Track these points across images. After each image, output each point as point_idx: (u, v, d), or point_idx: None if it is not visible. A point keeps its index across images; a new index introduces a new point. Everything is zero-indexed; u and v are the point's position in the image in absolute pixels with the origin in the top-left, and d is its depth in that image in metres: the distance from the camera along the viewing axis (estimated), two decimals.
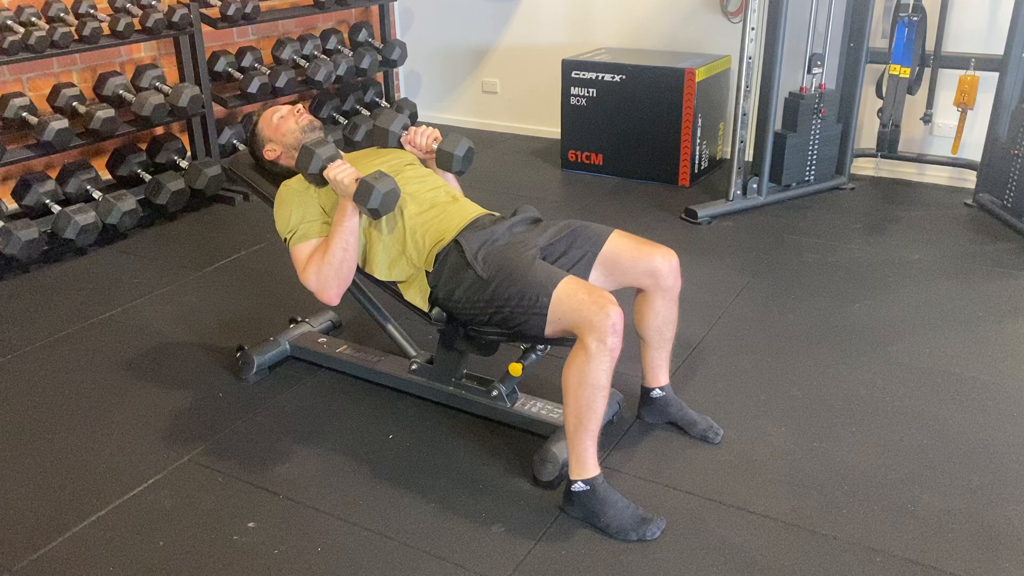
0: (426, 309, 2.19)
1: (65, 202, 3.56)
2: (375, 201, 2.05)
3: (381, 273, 2.24)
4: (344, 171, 2.11)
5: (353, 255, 2.17)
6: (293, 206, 2.24)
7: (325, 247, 2.16)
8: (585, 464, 1.94)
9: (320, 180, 2.17)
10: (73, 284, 3.30)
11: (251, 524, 2.01)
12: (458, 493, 2.10)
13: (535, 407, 2.29)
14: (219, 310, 3.06)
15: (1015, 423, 2.33)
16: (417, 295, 2.19)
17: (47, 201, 3.50)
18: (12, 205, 3.58)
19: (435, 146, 2.33)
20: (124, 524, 2.01)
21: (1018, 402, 2.42)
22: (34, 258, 3.33)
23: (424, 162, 2.42)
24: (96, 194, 3.62)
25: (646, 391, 2.32)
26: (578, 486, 1.95)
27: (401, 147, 2.39)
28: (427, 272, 2.16)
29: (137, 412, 2.46)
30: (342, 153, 2.21)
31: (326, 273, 2.16)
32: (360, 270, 2.29)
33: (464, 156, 2.30)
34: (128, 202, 3.59)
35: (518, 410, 2.29)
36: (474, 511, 2.03)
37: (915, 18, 3.85)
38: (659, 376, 2.30)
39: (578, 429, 1.91)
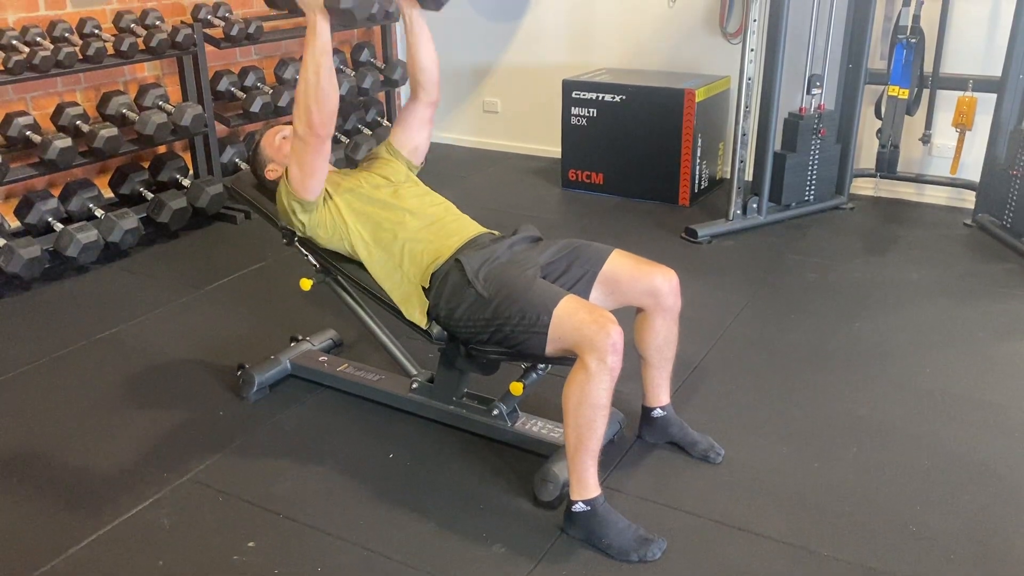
0: (425, 325, 2.18)
1: (67, 220, 3.57)
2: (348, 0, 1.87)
3: (377, 276, 2.23)
4: None
5: (330, 78, 2.04)
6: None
7: (300, 76, 2.05)
8: (586, 484, 1.94)
9: (286, 1, 2.03)
10: (74, 302, 3.30)
11: (251, 544, 2.00)
12: (459, 513, 2.09)
13: (536, 426, 2.29)
14: (220, 328, 3.07)
15: (1016, 443, 2.33)
16: (416, 312, 2.19)
17: (49, 219, 3.51)
18: (14, 223, 3.60)
19: None
20: (123, 543, 2.01)
21: (1018, 422, 2.42)
22: (36, 276, 3.34)
23: (404, 12, 2.32)
24: (98, 212, 3.63)
25: (647, 410, 2.32)
26: (579, 506, 1.95)
27: None
28: (424, 288, 2.17)
29: (137, 430, 2.45)
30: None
31: (303, 102, 2.05)
32: (360, 284, 2.29)
33: None
34: (130, 220, 3.60)
35: (519, 429, 2.29)
36: (475, 531, 2.03)
37: (913, 40, 3.88)
38: (660, 395, 2.30)
39: (578, 449, 1.91)
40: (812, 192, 4.06)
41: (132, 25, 3.92)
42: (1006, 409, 2.49)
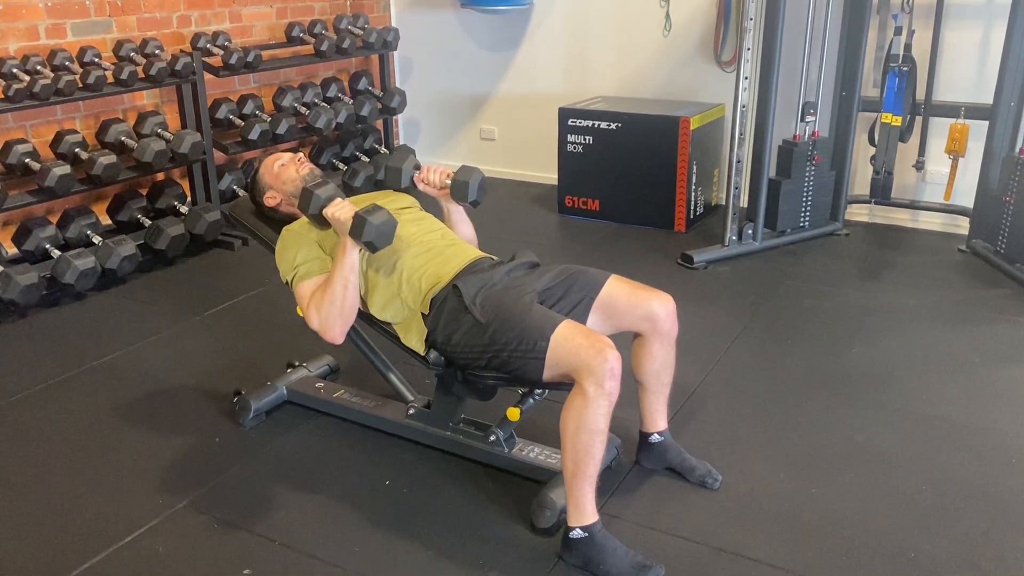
0: (422, 351, 2.19)
1: (65, 247, 3.58)
2: (369, 234, 2.05)
3: (376, 312, 2.25)
4: (343, 208, 2.13)
5: (354, 292, 2.18)
6: (295, 248, 2.26)
7: (327, 286, 2.18)
8: (583, 510, 1.93)
9: (321, 221, 2.19)
10: (71, 329, 3.30)
11: (247, 572, 1.98)
12: (455, 539, 2.08)
13: (533, 452, 2.28)
14: (217, 355, 3.06)
15: (1012, 469, 2.33)
16: (414, 338, 2.20)
17: (47, 246, 3.52)
18: (12, 250, 3.60)
19: (448, 181, 2.32)
20: (118, 571, 1.99)
21: (1015, 448, 2.42)
22: (33, 303, 3.34)
23: (439, 200, 2.42)
24: (96, 239, 3.64)
25: (644, 436, 2.32)
26: (576, 533, 1.94)
27: (413, 185, 2.38)
28: (423, 315, 2.17)
29: (133, 457, 2.44)
30: (342, 193, 2.23)
31: (327, 311, 2.17)
32: (358, 312, 2.30)
33: (479, 185, 2.29)
34: (127, 247, 3.61)
35: (516, 455, 2.28)
36: (471, 558, 2.02)
37: (905, 68, 3.93)
38: (657, 421, 2.30)
39: (576, 475, 1.91)
40: (807, 218, 4.08)
41: (132, 54, 3.96)
42: (1003, 434, 2.49)
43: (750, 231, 3.96)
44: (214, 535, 2.11)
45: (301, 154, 2.46)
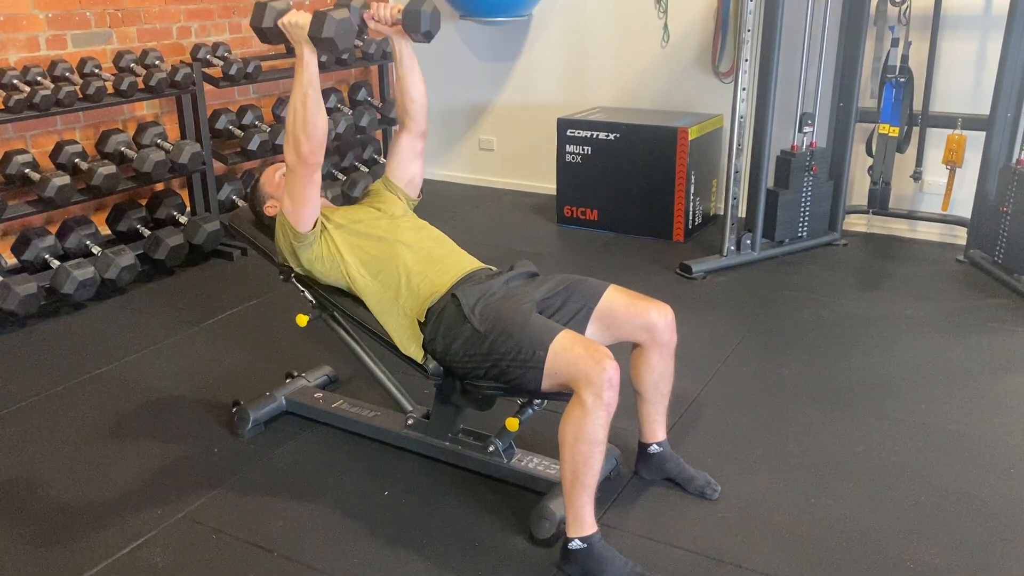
0: (420, 359, 2.19)
1: (64, 257, 3.58)
2: (330, 29, 1.97)
3: (373, 309, 2.24)
4: (298, 14, 2.08)
5: (316, 106, 2.10)
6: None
7: (288, 106, 2.13)
8: (582, 521, 1.93)
9: (277, 35, 2.11)
10: (70, 339, 3.30)
11: None
12: (454, 550, 2.08)
13: (532, 463, 2.28)
14: (216, 365, 3.06)
15: (1011, 479, 2.33)
16: (411, 345, 2.20)
17: (46, 256, 3.53)
18: (11, 260, 3.60)
19: (399, 16, 2.24)
20: None
21: (1014, 458, 2.42)
22: (32, 313, 3.34)
23: (393, 42, 2.34)
24: (95, 249, 3.65)
25: (643, 447, 2.32)
26: (575, 543, 1.94)
27: (363, 24, 2.23)
28: (420, 323, 2.17)
29: (131, 467, 2.44)
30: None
31: (291, 129, 2.11)
32: (356, 319, 2.30)
33: (431, 14, 2.19)
34: (127, 257, 3.62)
35: (515, 466, 2.28)
36: (470, 568, 2.01)
37: (902, 79, 3.95)
38: (656, 431, 2.30)
39: (575, 485, 1.91)
40: (805, 228, 4.09)
41: (132, 64, 3.97)
42: (1002, 444, 2.49)
43: (748, 241, 3.97)
44: (212, 546, 2.10)
45: None
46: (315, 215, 2.24)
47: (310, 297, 2.45)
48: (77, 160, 3.70)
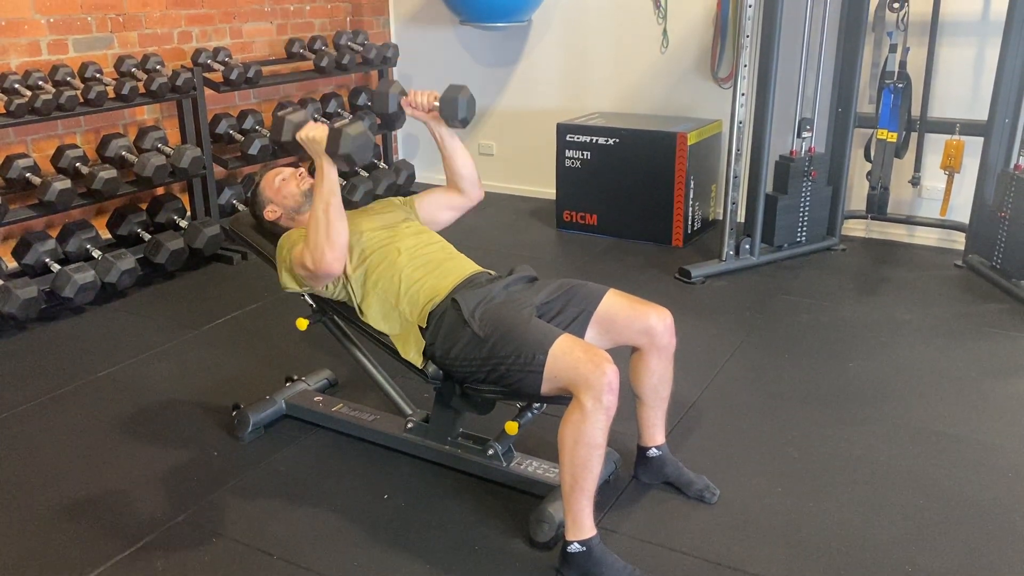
0: (420, 364, 2.19)
1: (65, 261, 3.59)
2: (346, 146, 2.00)
3: (375, 323, 2.25)
4: (316, 128, 2.11)
5: (338, 216, 2.14)
6: (293, 244, 2.28)
7: (311, 215, 2.16)
8: (581, 524, 1.94)
9: (295, 147, 2.14)
10: (71, 342, 3.31)
11: None
12: (453, 554, 2.08)
13: (531, 466, 2.29)
14: (216, 369, 3.07)
15: (1010, 483, 2.33)
16: (412, 350, 2.20)
17: (47, 260, 3.53)
18: (12, 264, 3.61)
19: (436, 103, 2.29)
20: None
21: (1012, 462, 2.43)
22: (32, 316, 3.34)
23: (430, 128, 2.39)
24: (95, 253, 3.65)
25: (642, 450, 2.32)
26: (574, 547, 1.94)
27: (400, 111, 2.33)
28: (421, 328, 2.18)
29: (132, 471, 2.45)
30: (313, 118, 2.20)
31: (314, 239, 2.14)
32: (355, 322, 2.31)
33: (467, 102, 2.25)
34: (127, 261, 3.62)
35: (514, 469, 2.28)
36: (469, 572, 2.02)
37: (900, 85, 3.96)
38: (655, 435, 2.30)
39: (574, 489, 1.91)
40: (804, 233, 4.10)
41: (133, 69, 3.99)
42: (1000, 449, 2.50)
43: (747, 246, 3.98)
44: (212, 549, 2.11)
45: (302, 169, 2.47)
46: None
47: (310, 301, 2.46)
48: (78, 164, 3.71)
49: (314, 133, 2.13)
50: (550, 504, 2.09)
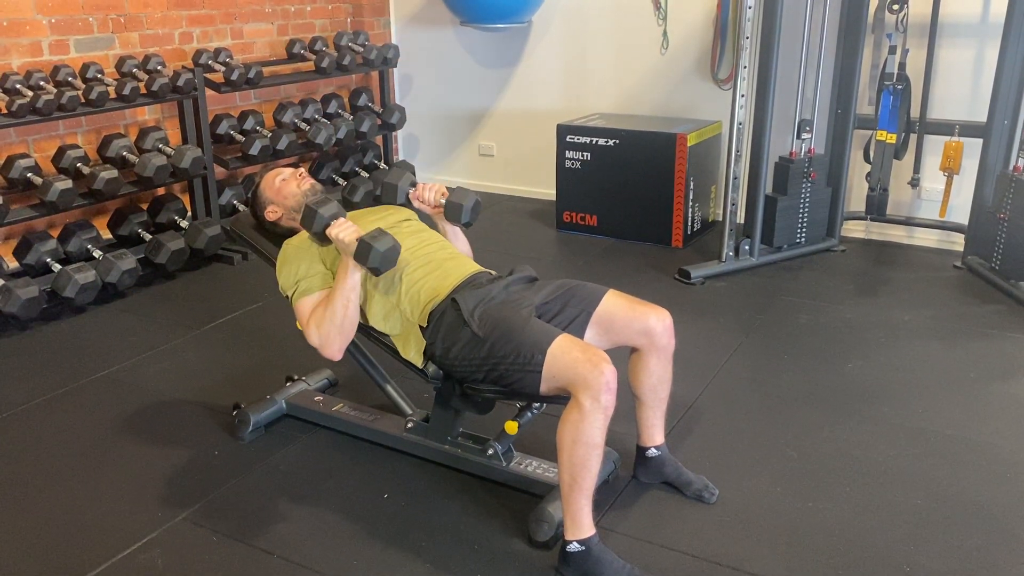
0: (420, 364, 2.20)
1: (65, 261, 3.60)
2: (374, 260, 2.08)
3: (376, 323, 2.26)
4: (346, 229, 2.14)
5: (354, 311, 2.19)
6: (296, 262, 2.28)
7: (327, 303, 2.19)
8: (580, 524, 1.94)
9: (323, 239, 2.21)
10: (72, 342, 3.31)
11: None
12: (453, 553, 2.09)
13: (531, 466, 2.29)
14: (216, 368, 3.08)
15: (1008, 484, 2.34)
16: (412, 350, 2.21)
17: (48, 260, 3.54)
18: (13, 264, 3.62)
19: (443, 201, 2.35)
20: None
21: (1011, 463, 2.44)
22: (33, 316, 3.35)
23: (433, 218, 2.45)
24: (96, 253, 3.66)
25: (641, 450, 2.33)
26: (573, 546, 1.95)
27: (408, 203, 2.41)
28: (421, 327, 2.19)
29: (132, 470, 2.45)
30: (344, 212, 2.24)
31: (327, 329, 2.18)
32: (358, 326, 2.31)
33: (472, 208, 2.32)
34: (128, 261, 3.63)
35: (514, 469, 2.29)
36: (469, 571, 2.02)
37: (899, 87, 3.97)
38: (654, 435, 2.31)
39: (573, 488, 1.92)
40: (803, 234, 4.11)
41: (134, 70, 4.00)
42: (998, 449, 2.50)
43: (747, 247, 3.99)
44: (213, 548, 2.12)
45: (302, 169, 2.48)
46: None
47: None
48: (79, 164, 3.72)
49: (344, 235, 2.13)
50: (549, 503, 2.10)
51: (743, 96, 3.75)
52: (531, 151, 5.19)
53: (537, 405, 2.23)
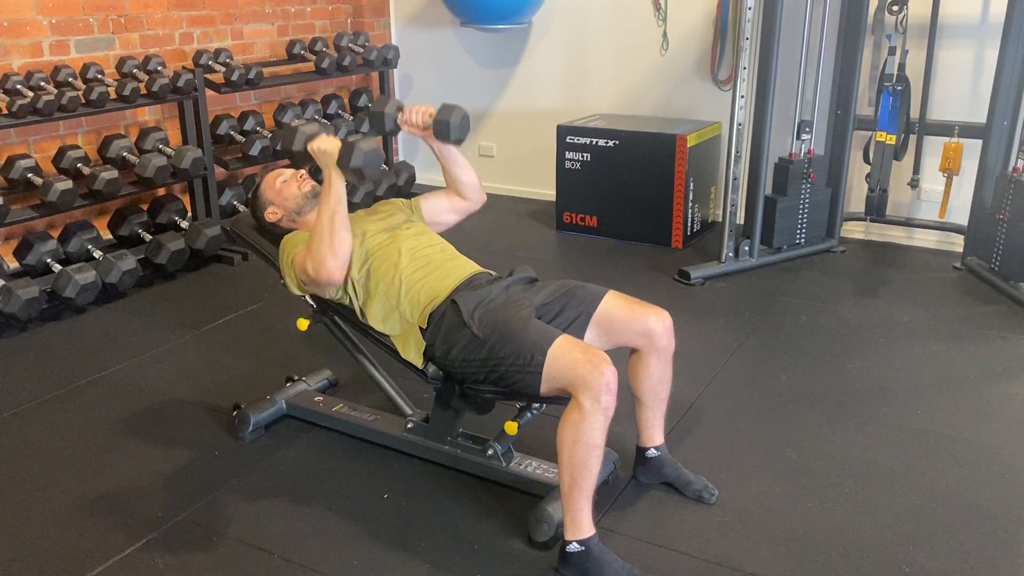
0: (420, 364, 2.20)
1: (66, 261, 3.60)
2: (357, 159, 2.02)
3: (375, 324, 2.26)
4: (328, 140, 2.13)
5: (343, 226, 2.16)
6: (294, 248, 2.29)
7: (315, 224, 2.17)
8: (580, 524, 1.95)
9: (305, 157, 2.16)
10: (71, 343, 3.31)
11: None
12: (453, 553, 2.09)
13: (530, 466, 2.30)
14: (216, 369, 3.08)
15: (1007, 484, 2.34)
16: (412, 350, 2.21)
17: (48, 260, 3.54)
18: (13, 264, 3.62)
19: (430, 121, 2.31)
20: None
21: (1010, 463, 2.44)
22: (33, 316, 3.35)
23: (428, 144, 2.41)
24: (96, 253, 3.66)
25: (641, 451, 2.33)
26: (573, 546, 1.95)
27: (397, 128, 2.34)
28: (421, 328, 2.19)
29: (132, 470, 2.45)
30: (325, 131, 2.21)
31: (317, 249, 2.16)
32: (357, 324, 2.32)
33: (460, 123, 2.27)
34: (128, 261, 3.63)
35: (513, 469, 2.29)
36: (469, 571, 2.02)
37: (899, 88, 3.97)
38: (654, 436, 2.31)
39: (573, 488, 1.92)
40: (803, 235, 4.11)
41: (134, 70, 4.00)
42: (998, 450, 2.51)
43: (747, 248, 3.99)
44: (213, 548, 2.12)
45: (303, 170, 2.48)
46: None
47: (311, 301, 2.47)
48: (79, 165, 3.72)
49: (326, 145, 2.14)
50: (549, 504, 2.10)
51: (743, 97, 3.76)
52: (531, 152, 5.20)
53: (537, 406, 2.23)
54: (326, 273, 2.16)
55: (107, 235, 4.00)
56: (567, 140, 4.50)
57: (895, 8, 3.94)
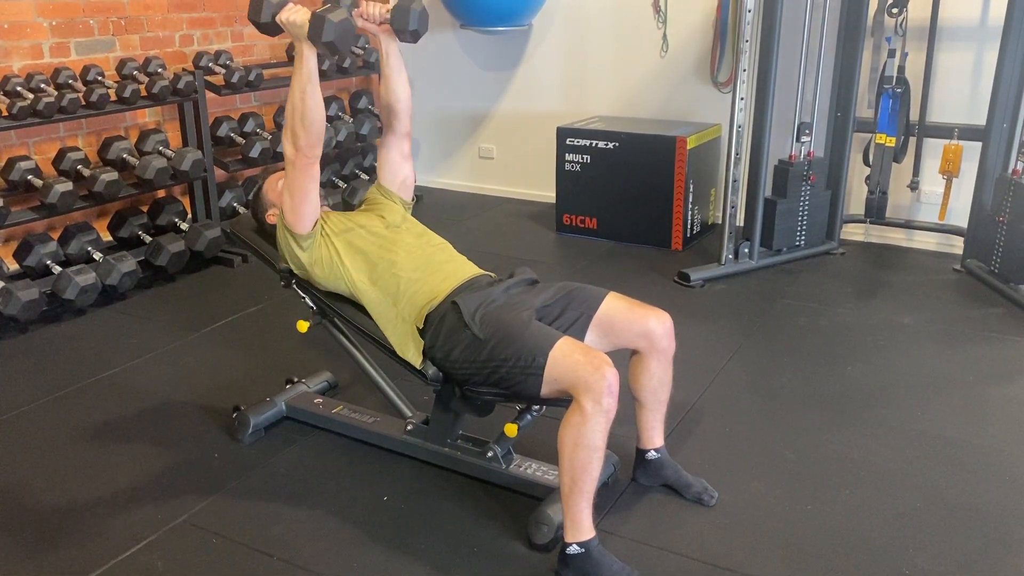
0: (419, 363, 2.20)
1: (66, 263, 3.60)
2: (328, 33, 1.97)
3: (370, 308, 2.26)
4: (297, 11, 2.08)
5: (314, 103, 2.12)
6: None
7: (288, 100, 2.14)
8: (580, 526, 1.95)
9: (274, 29, 2.11)
10: (72, 344, 3.31)
11: None
12: (452, 556, 2.09)
13: (530, 468, 2.30)
14: (216, 371, 3.08)
15: (1007, 487, 2.34)
16: (411, 350, 2.21)
17: (48, 262, 3.54)
18: (13, 266, 3.62)
19: (387, 15, 2.24)
20: None
21: (1009, 466, 2.44)
22: (33, 318, 3.35)
23: (381, 41, 2.36)
24: (97, 255, 3.66)
25: (641, 453, 2.33)
26: (573, 549, 1.95)
27: (352, 26, 2.15)
28: (418, 328, 2.19)
29: (132, 472, 2.45)
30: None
31: (290, 123, 2.14)
32: (356, 327, 2.32)
33: (420, 14, 2.19)
34: (128, 263, 3.63)
35: (513, 471, 2.29)
36: (468, 574, 2.02)
37: (899, 90, 3.98)
38: (654, 438, 2.31)
39: (573, 491, 1.92)
40: (803, 237, 4.11)
41: (135, 72, 4.00)
42: (997, 452, 2.51)
43: (746, 250, 3.99)
44: (213, 550, 2.12)
45: None
46: (315, 216, 2.26)
47: (310, 303, 2.47)
48: (79, 167, 3.73)
49: (295, 16, 2.07)
50: (549, 506, 2.10)
51: (743, 99, 3.76)
52: (531, 154, 5.20)
53: (537, 408, 2.23)
54: (301, 151, 2.14)
55: (107, 237, 4.00)
56: (567, 142, 4.50)
57: (895, 10, 3.95)
